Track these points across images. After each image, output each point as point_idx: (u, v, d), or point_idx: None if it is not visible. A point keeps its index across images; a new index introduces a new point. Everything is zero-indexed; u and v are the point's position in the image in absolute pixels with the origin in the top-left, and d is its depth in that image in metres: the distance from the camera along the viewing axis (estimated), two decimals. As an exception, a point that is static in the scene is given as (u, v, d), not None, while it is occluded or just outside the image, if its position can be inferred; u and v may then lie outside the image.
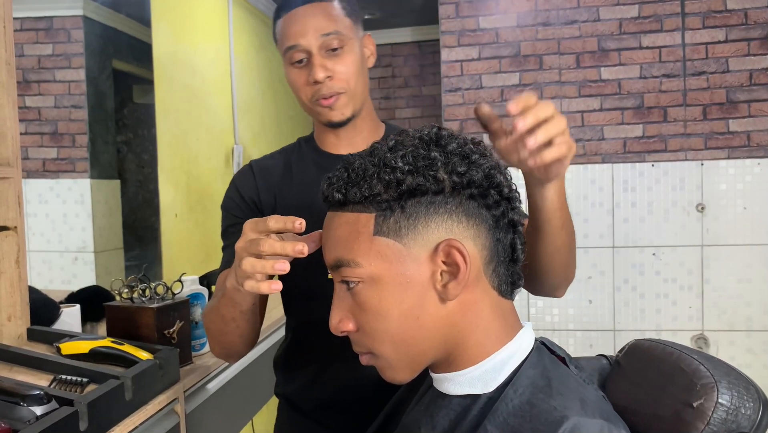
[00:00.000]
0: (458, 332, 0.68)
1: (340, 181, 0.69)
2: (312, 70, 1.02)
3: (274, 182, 1.12)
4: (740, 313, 2.57)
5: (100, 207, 2.22)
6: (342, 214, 0.69)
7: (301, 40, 1.02)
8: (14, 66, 1.18)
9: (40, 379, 1.05)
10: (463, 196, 0.66)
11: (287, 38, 1.04)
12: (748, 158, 2.56)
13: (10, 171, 1.17)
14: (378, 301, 0.67)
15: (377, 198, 0.66)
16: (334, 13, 1.03)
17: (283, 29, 1.05)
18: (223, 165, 2.70)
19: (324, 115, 1.06)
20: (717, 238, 2.58)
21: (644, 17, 2.61)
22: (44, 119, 2.21)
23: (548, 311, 2.71)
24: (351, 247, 0.67)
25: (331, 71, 1.02)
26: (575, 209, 2.68)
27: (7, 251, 1.18)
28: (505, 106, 2.63)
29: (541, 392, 0.64)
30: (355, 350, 0.71)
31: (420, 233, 0.66)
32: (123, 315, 1.25)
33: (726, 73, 2.57)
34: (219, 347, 1.03)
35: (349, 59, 1.04)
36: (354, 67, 1.04)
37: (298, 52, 1.03)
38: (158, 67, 2.23)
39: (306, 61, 1.03)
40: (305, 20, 1.02)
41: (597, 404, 0.64)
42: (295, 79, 1.06)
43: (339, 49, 1.03)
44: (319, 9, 1.03)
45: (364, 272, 0.67)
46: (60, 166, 2.19)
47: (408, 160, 0.66)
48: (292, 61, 1.05)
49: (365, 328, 0.68)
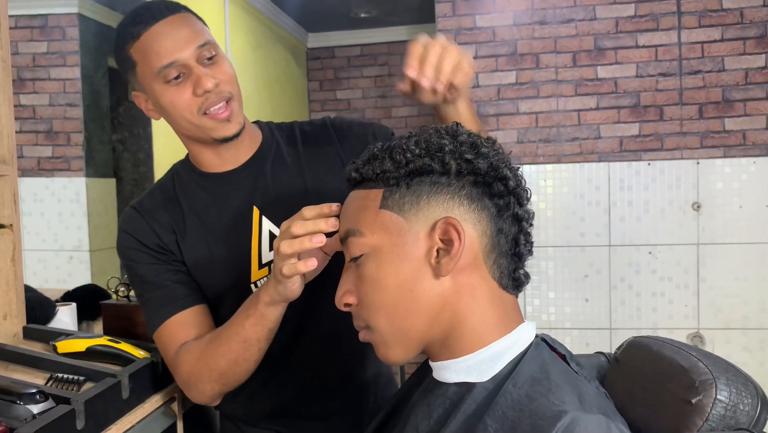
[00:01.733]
0: (453, 314, 0.70)
1: (359, 162, 0.75)
2: (198, 81, 0.94)
3: (167, 220, 1.04)
4: (736, 311, 2.58)
5: (95, 206, 2.21)
6: (356, 191, 0.75)
7: (177, 55, 0.94)
8: (10, 63, 1.18)
9: (37, 377, 1.05)
10: (467, 181, 0.70)
11: (158, 57, 0.94)
12: (744, 157, 2.56)
13: (6, 169, 1.16)
14: (376, 270, 0.70)
15: (386, 175, 0.71)
16: (197, 25, 0.98)
17: (146, 48, 0.95)
18: (219, 164, 2.69)
19: (218, 130, 0.98)
20: (713, 236, 2.58)
21: (640, 16, 2.62)
22: (39, 117, 2.21)
23: (544, 309, 2.71)
24: (358, 218, 0.72)
25: (217, 79, 0.95)
26: (572, 208, 2.68)
27: (2, 249, 1.17)
28: (502, 105, 2.62)
29: (540, 386, 0.64)
30: (355, 324, 0.75)
31: (422, 209, 0.69)
32: (120, 313, 1.25)
33: (722, 72, 2.57)
34: (221, 382, 0.97)
35: (226, 65, 0.99)
36: (232, 71, 1.00)
37: (175, 68, 0.94)
38: (154, 66, 2.23)
39: (183, 77, 0.95)
40: (174, 35, 0.95)
41: (595, 400, 0.64)
42: (175, 98, 0.95)
43: (214, 57, 0.97)
44: (181, 21, 0.96)
45: (367, 242, 0.71)
46: (55, 164, 2.18)
47: (420, 144, 0.71)
48: (167, 79, 0.95)
49: (364, 300, 0.72)
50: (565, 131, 2.69)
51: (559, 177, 2.69)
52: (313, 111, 4.15)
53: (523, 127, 2.71)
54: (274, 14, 3.48)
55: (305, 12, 3.62)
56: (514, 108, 2.72)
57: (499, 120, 2.72)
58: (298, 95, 3.96)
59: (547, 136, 2.70)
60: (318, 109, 4.12)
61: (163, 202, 1.05)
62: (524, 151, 2.71)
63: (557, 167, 2.69)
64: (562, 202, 2.69)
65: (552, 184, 2.70)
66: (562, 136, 2.69)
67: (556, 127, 2.69)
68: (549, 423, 0.59)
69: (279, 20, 3.56)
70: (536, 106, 2.70)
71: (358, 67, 4.05)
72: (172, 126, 1.03)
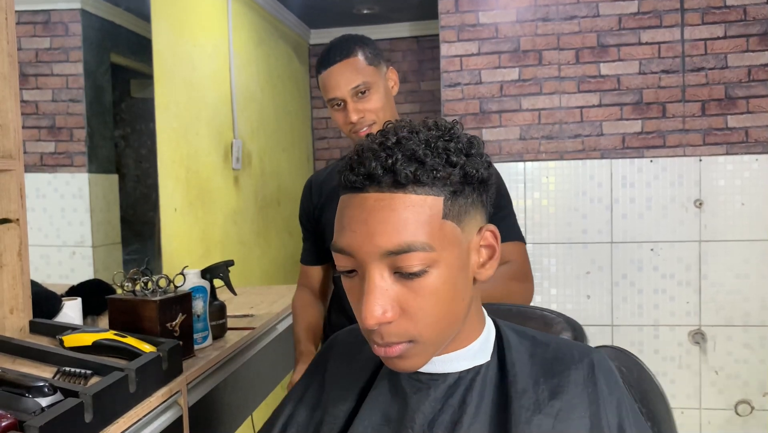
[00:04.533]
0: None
1: (397, 161, 0.65)
2: (348, 114, 1.34)
3: (323, 195, 1.46)
4: (738, 308, 2.58)
5: (98, 202, 2.21)
6: (404, 196, 0.66)
7: (337, 93, 1.34)
8: (16, 58, 1.18)
9: (44, 371, 1.05)
10: (482, 188, 0.72)
11: (327, 92, 1.36)
12: (746, 154, 2.56)
13: (13, 163, 1.16)
14: (440, 283, 0.67)
15: (447, 181, 0.66)
16: (359, 66, 1.34)
17: (323, 84, 1.36)
18: (222, 160, 2.70)
19: None
20: (715, 233, 2.59)
21: (643, 13, 2.61)
22: (42, 113, 2.20)
23: (546, 305, 2.70)
24: (424, 231, 0.65)
25: (362, 111, 1.34)
26: (574, 204, 2.68)
27: (9, 244, 1.18)
28: (505, 102, 2.63)
29: (536, 341, 0.78)
30: (387, 340, 0.68)
31: (472, 218, 0.70)
32: (125, 308, 1.25)
33: (725, 69, 2.57)
34: None
35: (375, 98, 1.34)
36: (380, 103, 1.35)
37: (336, 101, 1.35)
38: (158, 62, 2.22)
39: (343, 105, 1.35)
40: (338, 77, 1.33)
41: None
42: (337, 118, 1.38)
43: (366, 92, 1.34)
44: (347, 66, 1.33)
45: (435, 256, 0.66)
46: (58, 160, 2.18)
47: (461, 148, 0.69)
48: (332, 105, 1.36)
49: (418, 314, 0.67)
50: (567, 128, 2.69)
51: (561, 174, 2.70)
52: (315, 107, 4.15)
53: (525, 124, 2.71)
54: (277, 10, 3.48)
55: (308, 8, 3.62)
56: (516, 105, 2.72)
57: (502, 117, 2.73)
58: (300, 91, 3.96)
59: (549, 133, 2.70)
60: (320, 106, 4.12)
61: (327, 179, 1.47)
62: (527, 148, 2.71)
63: (559, 164, 2.69)
64: (564, 198, 2.69)
65: (554, 181, 2.70)
66: (565, 133, 2.69)
67: (558, 123, 2.69)
68: (581, 353, 0.75)
69: (281, 16, 3.55)
70: (539, 102, 2.70)
71: (360, 64, 4.05)
72: None
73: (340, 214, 0.69)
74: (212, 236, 2.56)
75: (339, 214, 0.69)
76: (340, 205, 0.70)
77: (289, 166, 3.66)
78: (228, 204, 2.75)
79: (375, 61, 1.37)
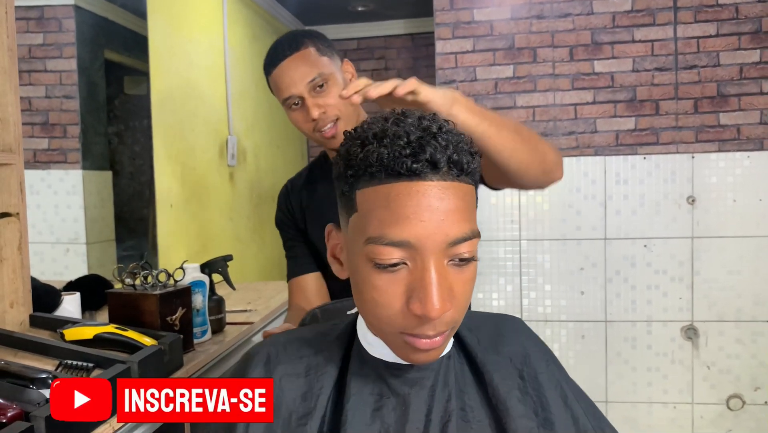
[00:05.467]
0: None
1: (450, 148, 0.66)
2: (308, 110, 1.22)
3: (300, 200, 1.36)
4: (730, 304, 2.61)
5: (92, 198, 2.20)
6: (462, 184, 0.67)
7: (292, 90, 1.22)
8: (16, 52, 1.18)
9: (46, 364, 1.05)
10: None
11: (281, 91, 1.25)
12: (738, 151, 2.59)
13: (13, 157, 1.16)
14: (475, 270, 0.70)
15: (477, 170, 0.70)
16: (312, 59, 1.23)
17: (275, 84, 1.26)
18: (217, 156, 2.70)
19: (328, 144, 1.26)
20: (707, 230, 2.61)
21: (637, 11, 2.63)
22: (35, 109, 2.19)
23: (540, 302, 2.73)
24: (475, 218, 0.69)
25: (323, 106, 1.22)
26: (568, 201, 2.70)
27: (9, 238, 1.18)
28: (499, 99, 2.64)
29: (466, 319, 0.79)
30: (438, 330, 0.67)
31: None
32: (126, 302, 1.26)
33: (717, 67, 2.59)
34: None
35: (335, 90, 1.22)
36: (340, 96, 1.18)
37: (292, 99, 1.23)
38: (154, 58, 2.22)
39: (301, 103, 1.23)
40: (291, 73, 1.22)
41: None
42: (296, 119, 1.26)
43: (324, 85, 1.22)
44: (298, 60, 1.23)
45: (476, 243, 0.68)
46: (51, 156, 2.17)
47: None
48: (289, 105, 1.25)
49: (460, 301, 0.68)
50: (561, 125, 2.70)
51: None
52: (309, 105, 4.15)
53: (520, 121, 2.72)
54: (272, 7, 3.47)
55: (303, 5, 3.62)
56: (511, 102, 2.73)
57: (497, 114, 2.74)
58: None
59: (543, 130, 2.71)
60: (314, 103, 4.12)
61: (304, 184, 1.38)
62: (521, 145, 2.72)
63: (554, 161, 2.70)
64: (558, 195, 2.71)
65: (549, 178, 2.71)
66: (559, 130, 2.71)
67: (552, 121, 2.71)
68: (509, 318, 0.85)
69: (276, 13, 3.55)
70: (533, 100, 2.72)
71: (355, 61, 3.99)
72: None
73: (394, 204, 0.65)
74: (208, 232, 2.56)
75: (393, 204, 0.65)
76: (388, 193, 0.65)
77: (284, 163, 3.66)
78: (224, 200, 2.75)
79: (328, 52, 1.26)
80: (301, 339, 0.80)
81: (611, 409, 2.68)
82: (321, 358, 0.76)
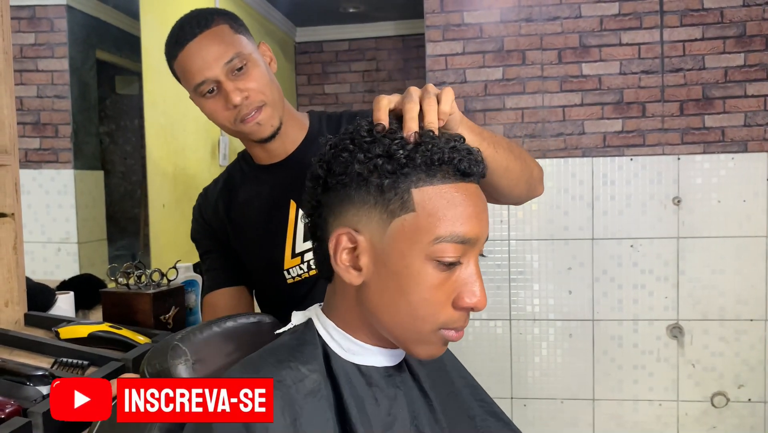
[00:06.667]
0: None
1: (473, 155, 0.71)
2: (227, 96, 1.02)
3: (222, 207, 1.18)
4: (714, 303, 2.65)
5: (83, 198, 2.21)
6: (474, 185, 0.73)
7: (207, 73, 1.02)
8: (11, 55, 1.20)
9: (41, 362, 1.07)
10: None
11: (192, 75, 1.04)
12: (723, 153, 2.63)
13: (8, 158, 1.18)
14: None
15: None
16: (226, 37, 1.04)
17: (183, 68, 1.05)
18: (209, 156, 2.71)
19: (255, 134, 1.08)
20: (692, 230, 2.65)
21: (624, 14, 2.67)
22: (26, 109, 2.19)
23: (528, 301, 2.77)
24: None
25: (245, 90, 1.03)
26: (556, 202, 2.73)
27: (4, 238, 1.19)
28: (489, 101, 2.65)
29: None
30: (467, 323, 0.73)
31: None
32: (119, 301, 1.28)
33: (702, 70, 2.64)
34: None
35: (256, 73, 1.05)
36: (264, 79, 1.06)
37: (206, 84, 1.03)
38: (146, 58, 2.23)
39: (217, 90, 1.04)
40: (203, 53, 1.02)
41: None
42: (213, 110, 1.06)
43: (243, 67, 1.03)
44: (211, 38, 1.03)
45: None
46: (43, 156, 2.17)
47: None
48: (202, 93, 1.05)
49: None
50: (550, 127, 2.74)
51: (543, 171, 2.74)
52: (300, 105, 4.17)
53: (509, 123, 2.76)
54: (263, 8, 3.49)
55: (294, 6, 3.64)
56: (500, 104, 2.76)
57: (486, 115, 2.77)
58: (287, 89, 3.98)
59: (532, 132, 2.75)
60: (306, 103, 4.14)
61: (222, 191, 1.19)
62: (510, 146, 2.75)
63: (542, 162, 2.69)
64: (546, 196, 2.72)
65: (537, 179, 2.74)
66: (547, 132, 2.74)
67: (541, 122, 2.74)
68: None
69: (268, 14, 3.57)
70: (522, 102, 2.75)
71: (346, 62, 4.07)
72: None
73: (459, 203, 0.69)
74: (199, 232, 2.57)
75: (458, 203, 0.69)
76: (451, 193, 0.69)
77: (275, 164, 3.67)
78: (215, 200, 2.76)
79: (243, 30, 1.08)
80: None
81: (598, 406, 2.72)
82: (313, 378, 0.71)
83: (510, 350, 2.76)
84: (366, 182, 0.69)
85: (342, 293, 0.75)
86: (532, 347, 2.75)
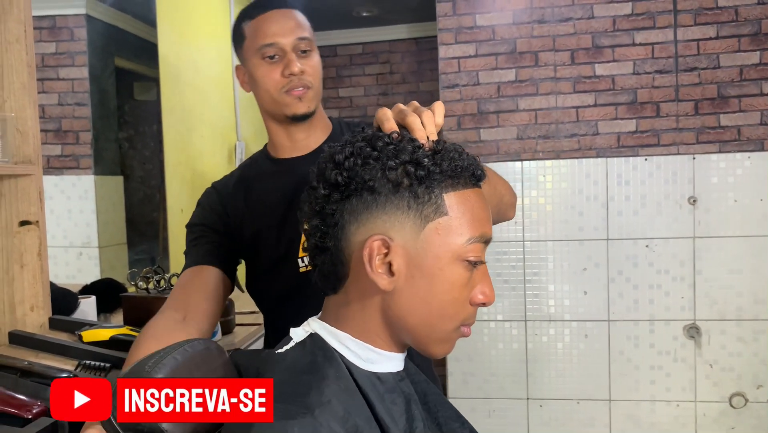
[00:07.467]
0: None
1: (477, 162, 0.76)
2: (288, 64, 1.11)
3: (238, 198, 1.21)
4: (731, 303, 2.64)
5: (104, 203, 2.25)
6: (480, 190, 0.77)
7: (279, 39, 1.12)
8: (35, 68, 1.24)
9: (65, 364, 1.11)
10: None
11: (263, 36, 1.12)
12: (739, 152, 2.62)
13: (32, 168, 1.22)
14: None
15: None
16: (304, 23, 1.16)
17: (258, 27, 1.14)
18: (226, 161, 2.75)
19: (291, 107, 1.14)
20: (708, 230, 2.64)
21: (637, 14, 2.67)
22: (48, 117, 2.24)
23: (544, 302, 2.77)
24: None
25: (305, 67, 1.12)
26: (570, 202, 2.74)
27: (29, 245, 1.23)
28: (502, 102, 2.65)
29: None
30: (474, 321, 0.78)
31: None
32: (140, 305, 1.31)
33: (717, 69, 2.62)
34: None
35: (315, 61, 1.16)
36: (319, 69, 1.17)
37: (273, 48, 1.12)
38: (164, 66, 2.28)
39: (278, 58, 1.12)
40: (283, 22, 1.13)
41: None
42: (266, 73, 1.13)
43: (308, 51, 1.14)
44: (293, 15, 1.15)
45: None
46: (64, 162, 2.21)
47: None
48: (264, 56, 1.13)
49: None
50: (563, 128, 2.74)
51: (558, 172, 2.75)
52: (315, 108, 4.19)
53: (522, 124, 2.77)
54: (277, 13, 3.52)
55: (307, 11, 3.63)
56: (513, 105, 2.77)
57: (499, 117, 2.78)
58: (301, 93, 4.01)
59: (546, 133, 2.75)
60: (320, 107, 4.17)
61: (238, 182, 1.23)
62: (524, 148, 2.77)
63: (556, 163, 2.75)
64: (560, 197, 2.75)
65: (551, 180, 2.76)
66: (561, 133, 2.74)
67: (554, 123, 2.75)
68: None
69: (282, 19, 3.60)
70: (535, 103, 2.76)
71: (359, 65, 4.09)
72: (257, 99, 1.19)
73: (477, 207, 0.74)
74: (217, 236, 2.61)
75: (476, 207, 0.74)
76: (471, 197, 0.74)
77: (291, 167, 3.71)
78: (232, 204, 2.80)
79: (312, 31, 1.19)
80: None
81: (614, 407, 2.72)
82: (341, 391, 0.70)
83: (526, 351, 2.77)
84: (398, 188, 0.71)
85: (360, 302, 0.74)
86: (548, 348, 2.76)
